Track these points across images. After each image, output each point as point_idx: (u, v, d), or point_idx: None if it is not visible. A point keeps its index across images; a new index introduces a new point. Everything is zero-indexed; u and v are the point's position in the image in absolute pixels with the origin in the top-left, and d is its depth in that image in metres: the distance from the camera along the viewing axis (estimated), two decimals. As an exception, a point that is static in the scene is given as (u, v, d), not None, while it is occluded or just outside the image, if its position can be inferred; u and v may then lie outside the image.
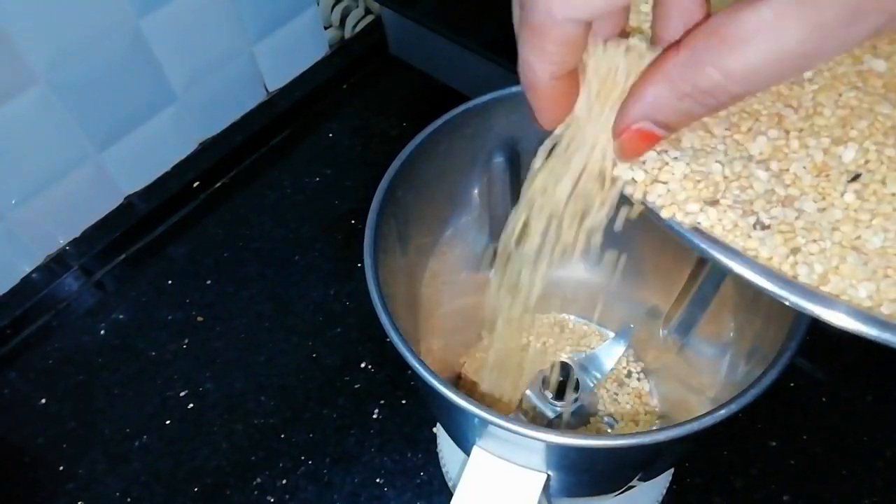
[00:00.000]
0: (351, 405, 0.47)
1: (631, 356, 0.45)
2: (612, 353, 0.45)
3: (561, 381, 0.40)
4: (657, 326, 0.43)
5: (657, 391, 0.44)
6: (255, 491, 0.44)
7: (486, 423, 0.27)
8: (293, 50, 0.63)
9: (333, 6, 0.64)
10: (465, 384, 0.45)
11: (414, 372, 0.28)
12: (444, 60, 0.62)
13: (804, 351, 0.28)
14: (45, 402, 0.49)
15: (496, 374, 0.45)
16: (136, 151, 0.55)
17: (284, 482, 0.44)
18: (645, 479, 0.35)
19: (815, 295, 0.19)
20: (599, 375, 0.44)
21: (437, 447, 0.45)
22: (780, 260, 0.20)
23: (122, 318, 0.53)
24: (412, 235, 0.37)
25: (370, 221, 0.32)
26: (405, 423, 0.46)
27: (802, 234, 0.20)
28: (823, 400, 0.45)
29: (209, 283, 0.54)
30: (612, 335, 0.46)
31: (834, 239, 0.20)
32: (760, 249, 0.20)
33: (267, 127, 0.62)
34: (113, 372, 0.50)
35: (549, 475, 0.31)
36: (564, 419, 0.42)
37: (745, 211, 0.20)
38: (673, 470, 0.43)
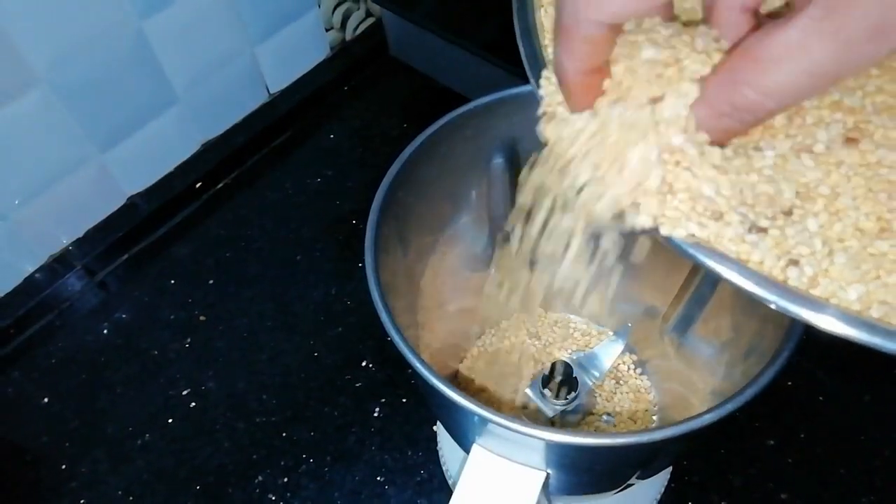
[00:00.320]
0: (352, 404, 0.47)
1: (629, 355, 0.46)
2: (610, 352, 0.45)
3: (560, 379, 0.40)
4: (656, 325, 0.43)
5: (656, 390, 0.45)
6: (256, 489, 0.44)
7: (485, 421, 0.27)
8: (295, 52, 0.63)
9: (334, 8, 0.64)
10: (462, 381, 0.45)
11: (414, 371, 0.28)
12: (444, 62, 0.63)
13: (802, 350, 0.28)
14: (47, 401, 0.49)
15: (496, 372, 0.46)
16: (138, 152, 0.55)
17: (286, 480, 0.45)
18: (643, 477, 0.36)
19: (803, 299, 0.19)
20: (598, 374, 0.44)
21: (437, 445, 0.45)
22: (771, 263, 0.19)
23: (124, 317, 0.53)
24: (412, 235, 0.37)
25: (371, 222, 0.32)
26: (406, 421, 0.46)
27: (794, 236, 0.20)
28: (821, 399, 0.46)
29: (211, 282, 0.54)
30: (610, 334, 0.47)
31: (828, 235, 0.19)
32: (752, 253, 0.20)
33: (268, 128, 0.62)
34: (115, 371, 0.50)
35: (548, 473, 0.31)
36: (563, 417, 0.42)
37: (743, 218, 0.20)
38: (671, 468, 0.43)
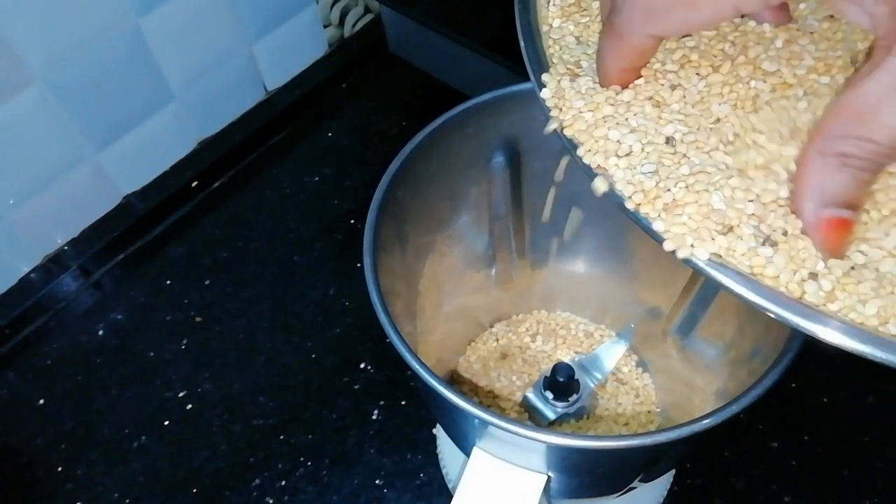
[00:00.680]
0: (350, 406, 0.47)
1: (632, 357, 0.45)
2: (612, 353, 0.45)
3: (562, 381, 0.40)
4: (658, 327, 0.43)
5: (658, 392, 0.44)
6: (254, 492, 0.44)
7: (486, 424, 0.27)
8: (292, 49, 0.62)
9: (333, 5, 0.63)
10: (461, 382, 0.45)
11: (413, 372, 0.28)
12: (443, 59, 0.62)
13: (805, 351, 0.27)
14: (43, 402, 0.49)
15: (496, 374, 0.45)
16: (134, 151, 0.55)
17: (283, 483, 0.44)
18: (646, 480, 0.35)
19: (819, 315, 0.18)
20: (600, 376, 0.44)
21: (436, 448, 0.45)
22: (787, 278, 0.19)
23: (120, 318, 0.52)
24: (412, 235, 0.37)
25: (370, 221, 0.32)
26: (405, 423, 0.46)
27: (807, 248, 0.19)
28: (825, 401, 0.45)
29: (208, 283, 0.54)
30: (613, 336, 0.46)
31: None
32: (767, 268, 0.19)
33: (266, 126, 0.62)
34: (111, 372, 0.50)
35: (549, 476, 0.31)
36: (565, 420, 0.42)
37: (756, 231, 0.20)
38: (674, 471, 0.42)
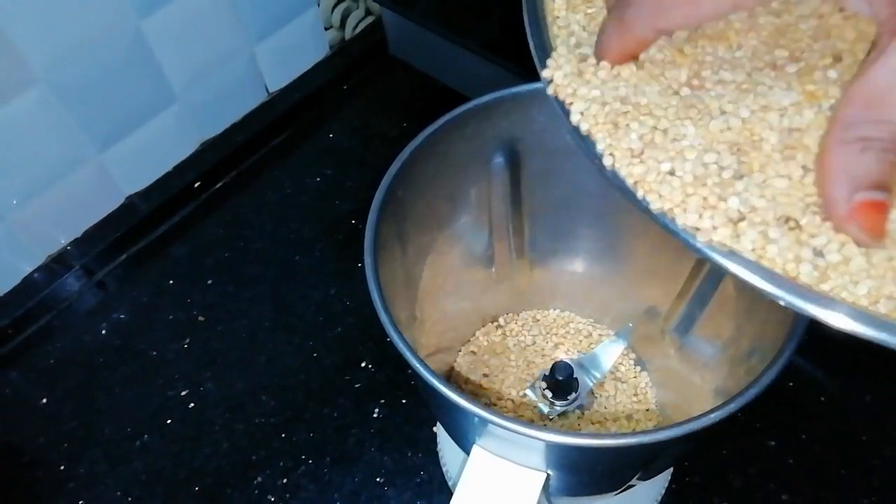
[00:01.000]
0: (351, 405, 0.47)
1: (630, 355, 0.46)
2: (611, 352, 0.45)
3: (560, 380, 0.40)
4: (656, 325, 0.43)
5: (656, 390, 0.44)
6: (255, 490, 0.44)
7: (486, 422, 0.27)
8: (294, 51, 0.63)
9: (334, 7, 0.64)
10: (460, 380, 0.45)
11: (414, 371, 0.28)
12: (443, 61, 0.62)
13: (803, 350, 0.28)
14: (45, 401, 0.49)
15: (496, 372, 0.46)
16: (136, 152, 0.55)
17: (285, 481, 0.44)
18: (644, 478, 0.35)
19: (812, 296, 0.18)
20: (599, 375, 0.44)
21: (437, 446, 0.45)
22: (783, 259, 0.19)
23: (123, 317, 0.53)
24: (412, 235, 0.37)
25: (370, 221, 0.32)
26: (405, 422, 0.46)
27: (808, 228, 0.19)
28: (822, 399, 0.45)
29: (210, 283, 0.54)
30: (611, 334, 0.46)
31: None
32: (768, 248, 0.19)
33: (267, 127, 0.62)
34: (114, 372, 0.50)
35: (548, 474, 0.31)
36: (564, 418, 0.42)
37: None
38: (672, 469, 0.43)
